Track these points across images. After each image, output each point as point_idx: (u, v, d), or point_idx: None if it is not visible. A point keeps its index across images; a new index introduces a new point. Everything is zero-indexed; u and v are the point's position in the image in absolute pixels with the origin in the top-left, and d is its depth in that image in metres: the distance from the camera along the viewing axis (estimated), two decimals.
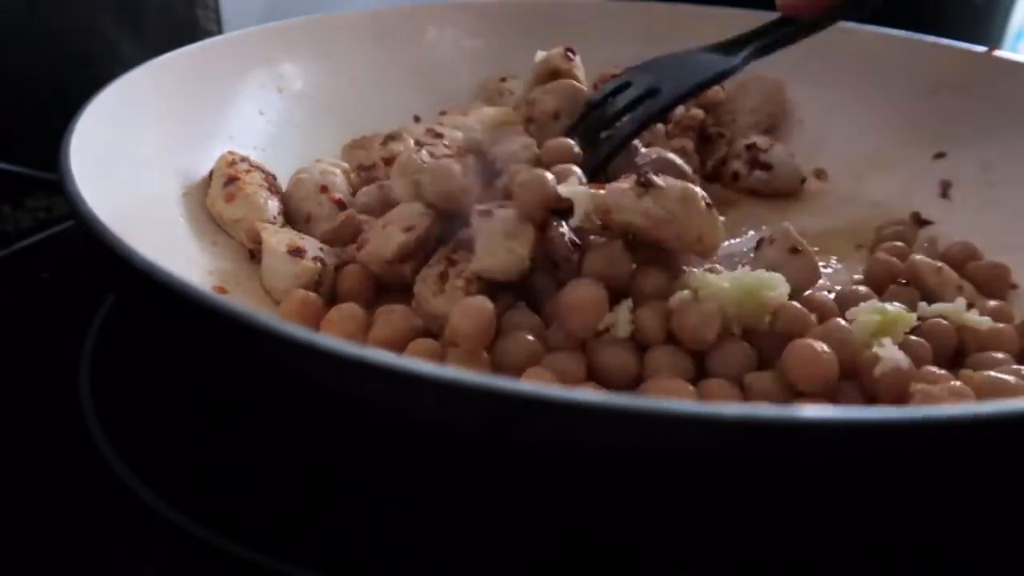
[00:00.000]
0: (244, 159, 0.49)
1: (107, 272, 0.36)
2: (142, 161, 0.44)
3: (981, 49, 0.57)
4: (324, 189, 0.49)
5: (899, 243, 0.49)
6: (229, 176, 0.47)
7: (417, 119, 0.60)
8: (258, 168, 0.49)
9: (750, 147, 0.58)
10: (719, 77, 0.50)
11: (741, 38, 0.51)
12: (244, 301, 0.42)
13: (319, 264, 0.43)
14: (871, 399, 0.36)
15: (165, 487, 0.36)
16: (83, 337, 0.45)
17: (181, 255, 0.43)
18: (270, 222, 0.46)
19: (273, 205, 0.47)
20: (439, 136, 0.53)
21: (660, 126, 0.58)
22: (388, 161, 0.51)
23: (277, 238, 0.44)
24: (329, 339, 0.26)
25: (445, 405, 0.25)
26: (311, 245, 0.44)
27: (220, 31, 0.70)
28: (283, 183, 0.51)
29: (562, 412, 0.24)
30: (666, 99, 0.49)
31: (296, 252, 0.43)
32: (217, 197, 0.46)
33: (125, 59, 0.46)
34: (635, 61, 0.66)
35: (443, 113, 0.60)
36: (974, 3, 0.81)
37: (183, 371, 0.41)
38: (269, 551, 0.33)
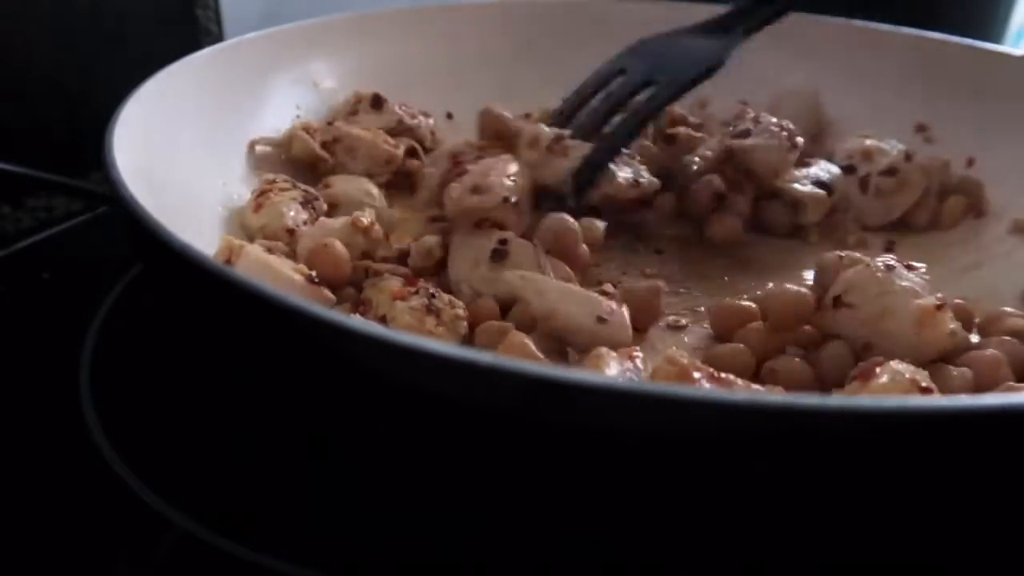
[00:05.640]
0: (286, 180, 0.48)
1: (148, 257, 0.36)
2: (182, 154, 0.45)
3: (1018, 53, 0.57)
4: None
5: None
6: (262, 190, 0.47)
7: (450, 116, 0.61)
8: (300, 188, 0.48)
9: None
10: (711, 71, 0.50)
11: (726, 18, 0.52)
12: None
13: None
14: None
15: (165, 487, 0.36)
16: (83, 337, 0.45)
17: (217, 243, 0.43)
18: (289, 229, 0.44)
19: (298, 215, 0.45)
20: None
21: None
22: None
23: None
24: (368, 325, 0.27)
25: (473, 386, 0.25)
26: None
27: (220, 31, 0.70)
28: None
29: (584, 396, 0.24)
30: (662, 99, 0.50)
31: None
32: (248, 210, 0.46)
33: (125, 59, 0.46)
34: None
35: None
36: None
37: (211, 350, 0.40)
38: (269, 551, 0.33)
